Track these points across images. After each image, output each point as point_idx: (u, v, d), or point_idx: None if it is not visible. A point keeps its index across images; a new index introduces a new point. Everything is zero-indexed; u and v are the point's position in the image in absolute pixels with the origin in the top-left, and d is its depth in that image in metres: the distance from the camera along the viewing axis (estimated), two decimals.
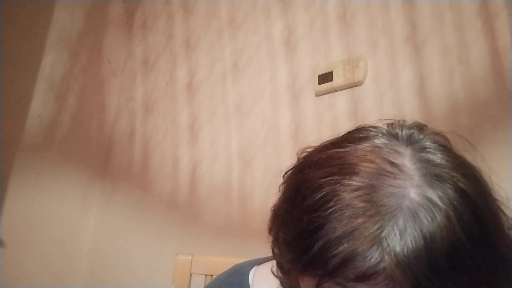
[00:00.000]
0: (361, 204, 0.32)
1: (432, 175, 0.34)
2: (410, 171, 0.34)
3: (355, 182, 0.33)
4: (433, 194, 0.32)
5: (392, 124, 0.42)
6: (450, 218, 0.31)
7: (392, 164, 0.34)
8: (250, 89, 1.42)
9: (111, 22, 1.91)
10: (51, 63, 1.62)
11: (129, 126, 1.79)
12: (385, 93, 1.10)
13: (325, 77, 1.21)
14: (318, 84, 1.22)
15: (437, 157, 0.36)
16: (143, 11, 1.97)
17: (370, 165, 0.34)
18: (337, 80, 1.18)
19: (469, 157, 0.45)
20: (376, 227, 0.31)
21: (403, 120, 0.43)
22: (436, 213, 0.31)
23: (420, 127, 0.41)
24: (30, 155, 1.51)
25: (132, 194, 1.65)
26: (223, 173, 1.39)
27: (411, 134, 0.39)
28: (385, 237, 0.31)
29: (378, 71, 1.13)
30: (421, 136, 0.39)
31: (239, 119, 1.42)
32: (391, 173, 0.34)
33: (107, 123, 1.84)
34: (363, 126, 0.42)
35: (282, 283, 0.49)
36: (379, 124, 0.42)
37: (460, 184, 0.34)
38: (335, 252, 0.31)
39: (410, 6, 1.10)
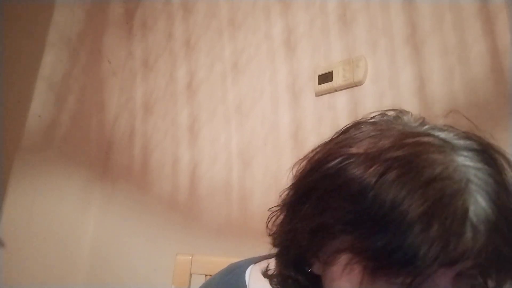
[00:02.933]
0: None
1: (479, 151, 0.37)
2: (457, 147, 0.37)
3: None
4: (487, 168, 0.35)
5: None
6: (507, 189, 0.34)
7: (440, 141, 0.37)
8: (250, 89, 1.42)
9: (111, 22, 1.91)
10: (51, 63, 1.62)
11: (129, 126, 1.79)
12: (385, 93, 1.10)
13: (325, 77, 1.21)
14: (318, 84, 1.22)
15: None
16: (143, 11, 1.97)
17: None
18: (337, 80, 1.18)
19: None
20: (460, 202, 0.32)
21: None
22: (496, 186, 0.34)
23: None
24: (30, 155, 1.51)
25: (132, 194, 1.65)
26: (223, 173, 1.39)
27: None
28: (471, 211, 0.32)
29: (378, 71, 1.13)
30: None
31: (239, 119, 1.42)
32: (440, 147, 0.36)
33: (107, 123, 1.84)
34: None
35: (273, 283, 0.48)
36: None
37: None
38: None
39: (410, 6, 1.10)
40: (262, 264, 0.55)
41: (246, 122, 1.39)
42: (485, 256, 0.32)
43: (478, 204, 0.33)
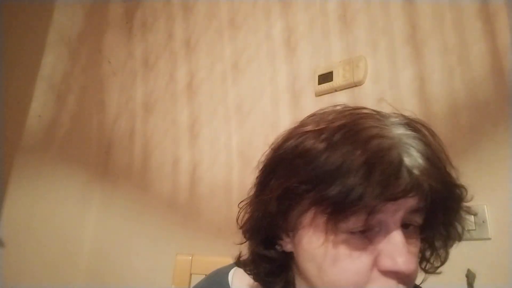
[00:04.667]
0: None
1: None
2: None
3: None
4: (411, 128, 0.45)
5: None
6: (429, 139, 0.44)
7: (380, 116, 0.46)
8: (250, 89, 1.42)
9: (111, 22, 1.91)
10: (51, 63, 1.62)
11: (129, 126, 1.79)
12: (385, 93, 1.10)
13: (325, 77, 1.21)
14: (318, 84, 1.22)
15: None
16: (143, 11, 1.97)
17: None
18: (337, 80, 1.18)
19: (469, 157, 0.50)
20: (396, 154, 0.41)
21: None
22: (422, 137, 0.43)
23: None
24: (30, 155, 1.51)
25: (132, 194, 1.65)
26: (223, 173, 1.39)
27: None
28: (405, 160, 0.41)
29: (378, 71, 1.13)
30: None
31: (239, 119, 1.42)
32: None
33: (107, 123, 1.84)
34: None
35: (247, 269, 0.53)
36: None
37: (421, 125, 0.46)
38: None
39: (410, 6, 1.10)
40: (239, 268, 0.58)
41: (246, 122, 1.39)
42: (423, 194, 0.41)
43: (411, 155, 0.41)
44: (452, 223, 0.46)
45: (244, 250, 0.55)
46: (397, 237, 0.41)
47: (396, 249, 0.40)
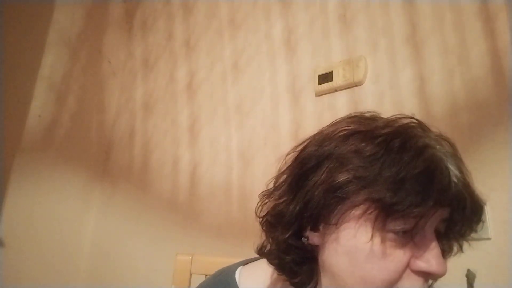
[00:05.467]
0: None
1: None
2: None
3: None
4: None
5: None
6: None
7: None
8: (250, 89, 1.42)
9: (111, 22, 1.91)
10: (51, 63, 1.62)
11: (129, 126, 1.79)
12: (385, 93, 1.10)
13: (325, 77, 1.21)
14: (318, 84, 1.22)
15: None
16: (143, 11, 1.97)
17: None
18: (337, 80, 1.18)
19: (469, 157, 0.52)
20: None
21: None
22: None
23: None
24: (30, 155, 1.51)
25: (132, 194, 1.65)
26: (223, 173, 1.39)
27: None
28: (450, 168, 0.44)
29: (378, 71, 1.13)
30: None
31: (239, 119, 1.42)
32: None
33: (107, 123, 1.84)
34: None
35: (270, 258, 0.53)
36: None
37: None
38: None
39: (410, 6, 1.10)
40: (252, 265, 0.59)
41: (246, 122, 1.39)
42: (462, 204, 0.43)
43: (452, 169, 0.44)
44: (468, 233, 0.48)
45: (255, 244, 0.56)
46: (433, 241, 0.44)
47: (431, 252, 0.43)
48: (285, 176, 0.52)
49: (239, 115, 1.42)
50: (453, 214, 0.44)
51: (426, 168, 0.42)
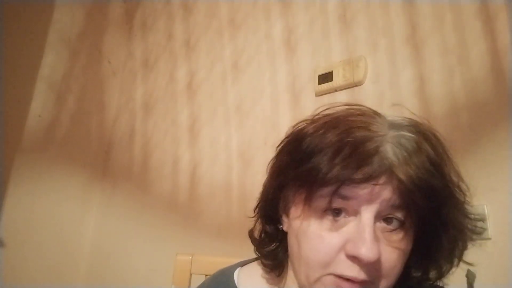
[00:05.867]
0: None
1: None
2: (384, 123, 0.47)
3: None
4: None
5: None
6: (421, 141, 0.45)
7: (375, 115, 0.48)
8: (250, 89, 1.42)
9: (111, 22, 1.91)
10: (51, 63, 1.62)
11: (129, 126, 1.79)
12: (385, 93, 1.10)
13: (325, 77, 1.21)
14: (318, 84, 1.22)
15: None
16: (143, 11, 1.97)
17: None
18: (337, 80, 1.18)
19: (469, 157, 0.50)
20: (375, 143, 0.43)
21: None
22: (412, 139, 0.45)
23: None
24: (30, 155, 1.51)
25: (132, 194, 1.65)
26: (223, 173, 1.39)
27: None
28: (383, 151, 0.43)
29: (378, 71, 1.13)
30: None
31: (239, 119, 1.42)
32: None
33: (107, 123, 1.84)
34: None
35: (267, 271, 0.56)
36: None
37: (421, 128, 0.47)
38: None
39: (410, 6, 1.10)
40: (250, 266, 0.61)
41: (246, 122, 1.39)
42: (397, 187, 0.42)
43: (393, 151, 0.43)
44: (449, 222, 0.46)
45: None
46: (365, 225, 0.43)
47: (361, 236, 0.42)
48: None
49: (239, 115, 1.42)
50: (399, 198, 0.43)
51: (337, 141, 0.43)
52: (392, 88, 1.09)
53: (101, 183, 1.76)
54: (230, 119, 1.44)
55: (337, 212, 0.44)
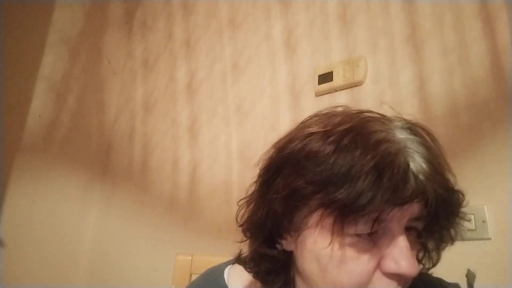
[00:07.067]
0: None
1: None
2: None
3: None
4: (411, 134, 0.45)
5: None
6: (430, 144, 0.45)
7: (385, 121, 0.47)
8: (250, 89, 1.42)
9: (111, 22, 1.91)
10: (51, 63, 1.62)
11: (129, 126, 1.79)
12: (385, 93, 1.10)
13: (325, 77, 1.21)
14: (318, 84, 1.22)
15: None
16: (143, 11, 1.97)
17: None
18: (337, 80, 1.18)
19: (469, 157, 0.50)
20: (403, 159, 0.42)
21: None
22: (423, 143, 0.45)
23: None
24: (30, 155, 1.51)
25: (132, 194, 1.65)
26: (223, 173, 1.39)
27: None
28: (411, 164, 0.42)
29: (378, 71, 1.13)
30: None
31: (239, 119, 1.42)
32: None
33: (107, 123, 1.84)
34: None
35: (248, 267, 0.54)
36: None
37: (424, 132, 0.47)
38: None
39: (410, 6, 1.10)
40: (240, 265, 0.59)
41: (246, 122, 1.39)
42: (428, 198, 0.41)
43: (415, 160, 0.42)
44: (449, 228, 0.47)
45: (244, 248, 0.56)
46: (402, 241, 0.42)
47: (401, 253, 0.42)
48: (255, 184, 0.53)
49: (239, 115, 1.42)
50: (423, 209, 0.43)
51: (376, 165, 0.40)
52: (392, 88, 1.09)
53: (101, 183, 1.76)
54: (230, 119, 1.44)
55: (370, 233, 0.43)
